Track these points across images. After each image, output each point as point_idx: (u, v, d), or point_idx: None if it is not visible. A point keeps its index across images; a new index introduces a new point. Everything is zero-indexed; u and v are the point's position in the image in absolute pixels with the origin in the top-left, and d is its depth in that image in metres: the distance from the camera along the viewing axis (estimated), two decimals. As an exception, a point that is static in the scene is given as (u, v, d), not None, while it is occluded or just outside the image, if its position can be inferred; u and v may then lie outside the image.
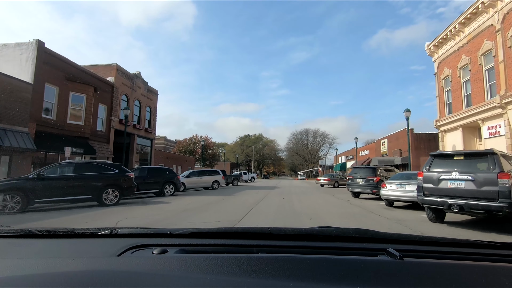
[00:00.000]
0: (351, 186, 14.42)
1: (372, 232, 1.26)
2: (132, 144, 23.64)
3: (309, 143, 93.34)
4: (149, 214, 8.79)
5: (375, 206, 10.92)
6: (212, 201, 12.61)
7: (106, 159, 20.16)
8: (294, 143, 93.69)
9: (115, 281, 0.76)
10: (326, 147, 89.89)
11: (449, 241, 1.19)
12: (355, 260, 0.96)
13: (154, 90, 27.44)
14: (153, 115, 27.09)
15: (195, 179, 21.25)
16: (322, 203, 12.04)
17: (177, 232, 1.28)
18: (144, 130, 25.16)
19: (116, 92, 21.21)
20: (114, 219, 7.18)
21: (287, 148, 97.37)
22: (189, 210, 9.39)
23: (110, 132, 20.45)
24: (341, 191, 21.06)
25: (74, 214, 8.46)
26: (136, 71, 24.42)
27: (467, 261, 1.00)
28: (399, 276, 0.83)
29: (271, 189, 22.19)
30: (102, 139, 20.00)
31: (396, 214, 8.65)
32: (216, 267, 0.87)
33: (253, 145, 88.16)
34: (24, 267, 0.89)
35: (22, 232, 1.32)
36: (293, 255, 1.05)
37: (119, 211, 8.91)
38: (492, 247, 1.14)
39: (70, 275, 0.82)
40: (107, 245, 1.16)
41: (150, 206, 10.51)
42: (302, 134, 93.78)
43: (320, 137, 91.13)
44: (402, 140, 26.74)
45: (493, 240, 1.26)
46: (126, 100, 22.86)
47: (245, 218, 7.49)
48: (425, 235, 1.83)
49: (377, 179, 13.26)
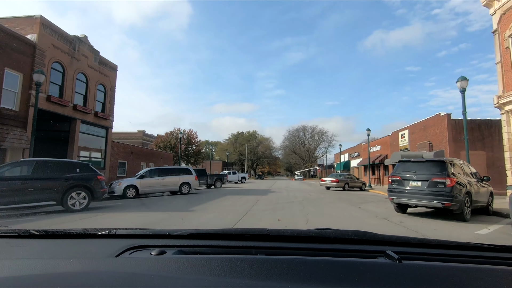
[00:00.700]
0: (399, 194, 8.18)
1: (370, 234, 1.26)
2: (73, 132, 17.29)
3: (307, 141, 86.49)
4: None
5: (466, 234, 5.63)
6: (143, 223, 6.47)
7: (21, 151, 13.87)
8: (291, 141, 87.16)
9: (113, 282, 0.77)
10: (325, 145, 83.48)
11: (447, 243, 1.20)
12: (354, 262, 0.97)
13: (112, 64, 21.01)
14: (110, 96, 20.67)
15: (154, 180, 14.99)
16: (348, 226, 5.99)
17: (176, 233, 1.29)
18: (93, 115, 18.78)
19: (41, 57, 14.84)
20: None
21: (283, 146, 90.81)
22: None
23: (28, 112, 14.08)
24: (359, 197, 14.97)
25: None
26: (81, 34, 18.04)
27: (465, 263, 1.01)
28: (397, 278, 0.83)
29: (262, 193, 16.01)
30: (13, 122, 13.63)
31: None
32: (214, 268, 0.87)
33: (247, 143, 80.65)
34: (22, 268, 0.89)
35: (19, 233, 1.30)
36: (291, 257, 1.06)
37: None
38: (490, 250, 1.15)
39: (68, 276, 0.83)
40: (105, 246, 1.16)
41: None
42: (299, 131, 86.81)
43: (318, 135, 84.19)
44: (432, 130, 20.74)
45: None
46: (62, 71, 16.49)
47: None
48: (424, 237, 1.70)
49: (452, 182, 7.18)
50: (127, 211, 9.05)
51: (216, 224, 6.50)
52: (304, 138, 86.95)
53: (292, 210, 9.20)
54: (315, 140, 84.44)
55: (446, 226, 6.64)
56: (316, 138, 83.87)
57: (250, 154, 79.85)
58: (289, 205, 10.43)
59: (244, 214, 7.95)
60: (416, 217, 7.96)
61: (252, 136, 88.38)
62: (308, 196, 14.81)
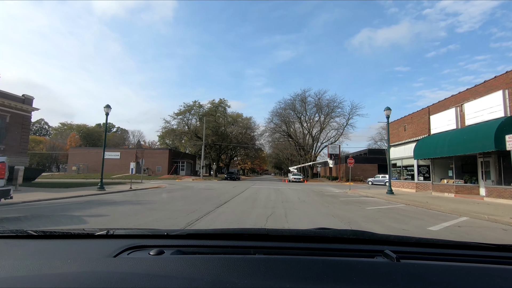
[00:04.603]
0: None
1: (369, 233, 1.28)
2: None
3: (308, 117, 54.72)
4: None
5: None
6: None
7: None
8: (282, 119, 55.64)
9: (111, 282, 0.76)
10: (340, 123, 52.93)
11: (445, 243, 1.21)
12: (352, 262, 0.96)
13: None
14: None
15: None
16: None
17: (174, 233, 1.29)
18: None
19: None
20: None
21: (268, 129, 57.69)
22: None
23: None
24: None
25: None
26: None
27: (463, 262, 1.01)
28: (395, 277, 0.82)
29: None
30: None
31: None
32: (213, 268, 0.86)
33: (204, 117, 47.82)
34: (19, 268, 0.88)
35: (17, 233, 1.30)
36: (290, 256, 1.06)
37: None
38: (487, 249, 1.16)
39: (66, 276, 0.82)
40: (104, 246, 1.16)
41: None
42: (294, 101, 53.90)
43: (328, 108, 51.88)
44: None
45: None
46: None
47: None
48: (422, 237, 1.50)
49: None
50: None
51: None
52: (305, 112, 54.48)
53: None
54: (323, 113, 53.24)
55: None
56: (326, 112, 52.89)
57: (213, 137, 48.67)
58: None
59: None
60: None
61: (217, 110, 52.13)
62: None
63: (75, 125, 79.18)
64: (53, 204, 9.95)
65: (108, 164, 45.12)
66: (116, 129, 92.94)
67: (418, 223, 7.59)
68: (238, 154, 63.99)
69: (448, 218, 8.39)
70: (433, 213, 9.57)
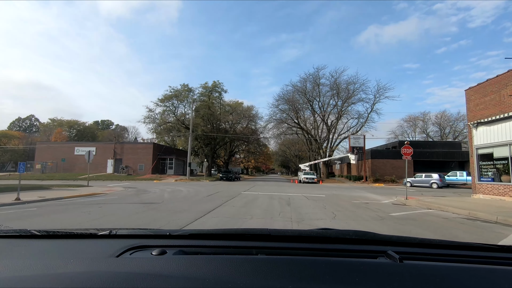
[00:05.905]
0: None
1: (371, 234, 1.27)
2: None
3: (321, 104, 44.15)
4: None
5: None
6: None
7: None
8: (290, 105, 44.61)
9: (114, 282, 0.76)
10: (364, 110, 44.78)
11: (449, 243, 1.21)
12: (354, 262, 0.96)
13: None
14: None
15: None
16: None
17: (177, 233, 1.29)
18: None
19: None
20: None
21: (273, 119, 46.68)
22: None
23: None
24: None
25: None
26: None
27: (466, 263, 1.01)
28: (398, 278, 0.82)
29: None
30: None
31: None
32: (215, 269, 0.87)
33: (192, 104, 39.77)
34: (22, 268, 0.88)
35: (20, 233, 1.30)
36: (292, 257, 1.06)
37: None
38: (491, 250, 1.16)
39: (69, 276, 0.82)
40: (106, 246, 1.16)
41: None
42: (305, 82, 43.27)
43: (347, 91, 41.91)
44: None
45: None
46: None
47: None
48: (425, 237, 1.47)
49: None
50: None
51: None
52: (318, 97, 43.55)
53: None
54: (341, 98, 42.67)
55: None
56: (344, 96, 42.44)
57: (204, 127, 40.30)
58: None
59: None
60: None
61: (212, 95, 43.27)
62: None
63: (65, 121, 72.20)
64: None
65: (82, 161, 37.20)
66: (115, 126, 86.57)
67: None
68: (239, 149, 55.65)
69: None
70: None
